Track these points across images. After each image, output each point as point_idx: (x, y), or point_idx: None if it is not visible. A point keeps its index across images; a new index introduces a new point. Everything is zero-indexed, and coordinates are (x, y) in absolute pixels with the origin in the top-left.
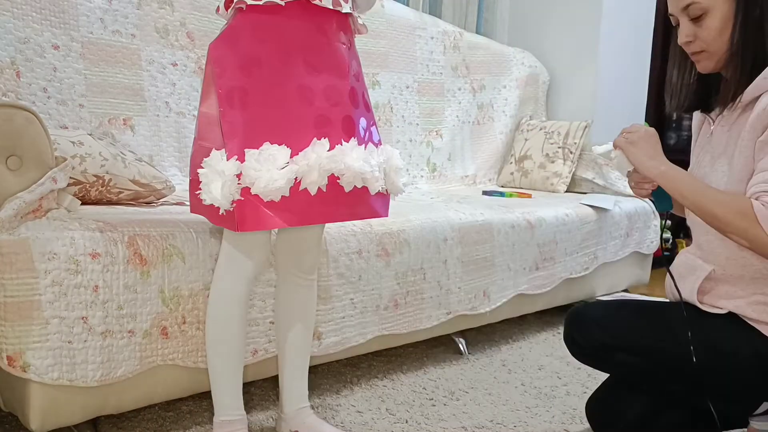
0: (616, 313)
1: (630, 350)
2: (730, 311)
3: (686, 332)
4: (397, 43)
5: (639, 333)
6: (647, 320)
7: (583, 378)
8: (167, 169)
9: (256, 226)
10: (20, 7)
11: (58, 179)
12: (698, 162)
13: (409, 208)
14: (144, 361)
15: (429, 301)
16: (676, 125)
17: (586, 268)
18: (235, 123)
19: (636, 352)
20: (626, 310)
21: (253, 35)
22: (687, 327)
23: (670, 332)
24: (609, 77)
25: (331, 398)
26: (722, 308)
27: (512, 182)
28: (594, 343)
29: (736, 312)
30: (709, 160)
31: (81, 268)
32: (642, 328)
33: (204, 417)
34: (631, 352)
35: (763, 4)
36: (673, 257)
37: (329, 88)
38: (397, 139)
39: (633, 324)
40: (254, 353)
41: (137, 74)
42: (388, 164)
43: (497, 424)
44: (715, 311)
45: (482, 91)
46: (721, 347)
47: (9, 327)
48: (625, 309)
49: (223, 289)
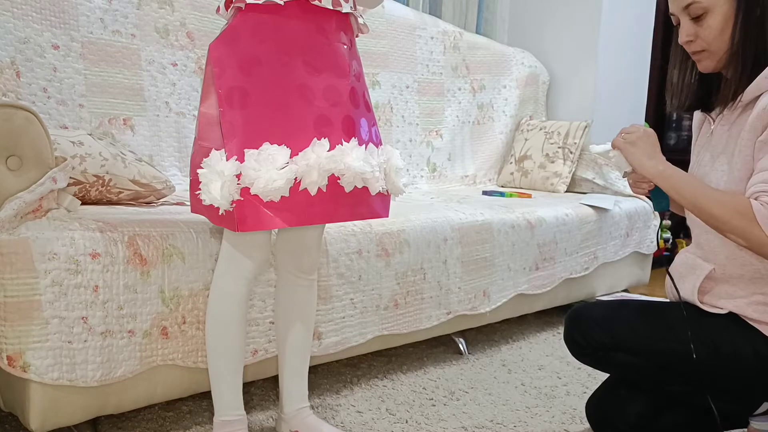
0: (617, 313)
1: (630, 350)
2: (731, 311)
3: (686, 332)
4: (397, 43)
5: (639, 333)
6: (648, 320)
7: (583, 378)
8: (167, 169)
9: (256, 226)
10: (20, 7)
11: (58, 179)
12: (698, 161)
13: (409, 208)
14: (144, 361)
15: (429, 301)
16: (676, 125)
17: (586, 268)
18: (234, 123)
19: (636, 352)
20: (627, 310)
21: (252, 35)
22: (687, 326)
23: (671, 332)
24: (609, 77)
25: (331, 398)
26: (723, 308)
27: (512, 182)
28: (594, 343)
29: (736, 312)
30: (709, 159)
31: (81, 268)
32: (642, 328)
33: (204, 417)
34: (632, 353)
35: (764, 4)
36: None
37: (329, 88)
38: (397, 139)
39: (634, 324)
40: (254, 353)
41: (137, 74)
42: (389, 164)
43: (497, 424)
44: (715, 311)
45: (482, 91)
46: (722, 347)
47: (9, 327)
48: (625, 309)
49: (223, 289)
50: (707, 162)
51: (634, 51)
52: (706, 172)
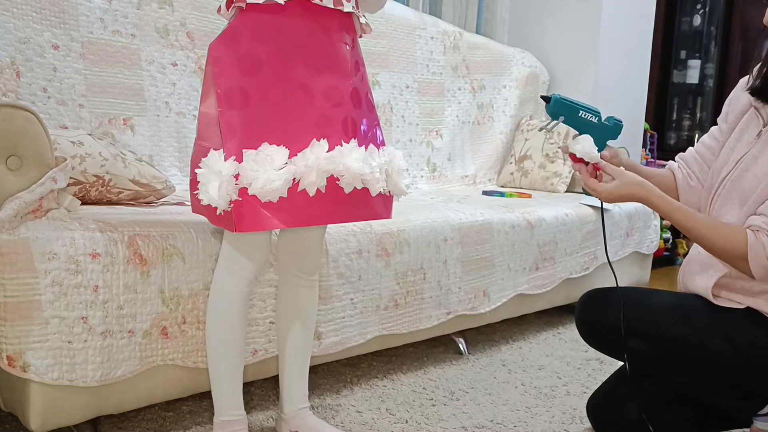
0: (632, 297)
1: (643, 336)
2: (749, 306)
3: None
4: (397, 43)
5: (654, 319)
6: (664, 307)
7: (583, 378)
8: (167, 169)
9: (254, 226)
10: (20, 7)
11: (58, 179)
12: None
13: (409, 208)
14: (144, 361)
15: (429, 301)
16: (676, 125)
17: (586, 268)
18: (233, 123)
19: (649, 338)
20: (642, 295)
21: (253, 35)
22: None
23: (687, 320)
24: (609, 77)
25: (331, 398)
26: (741, 303)
27: (512, 182)
28: (607, 325)
29: (754, 308)
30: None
31: (81, 268)
32: (657, 314)
33: (204, 417)
34: (644, 338)
35: None
36: (673, 256)
37: (330, 88)
38: (397, 139)
39: (648, 309)
40: (254, 353)
41: (137, 74)
42: (391, 165)
43: (497, 424)
44: (733, 305)
45: (482, 91)
46: (739, 340)
47: (9, 327)
48: (640, 294)
49: (222, 289)
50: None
51: (634, 51)
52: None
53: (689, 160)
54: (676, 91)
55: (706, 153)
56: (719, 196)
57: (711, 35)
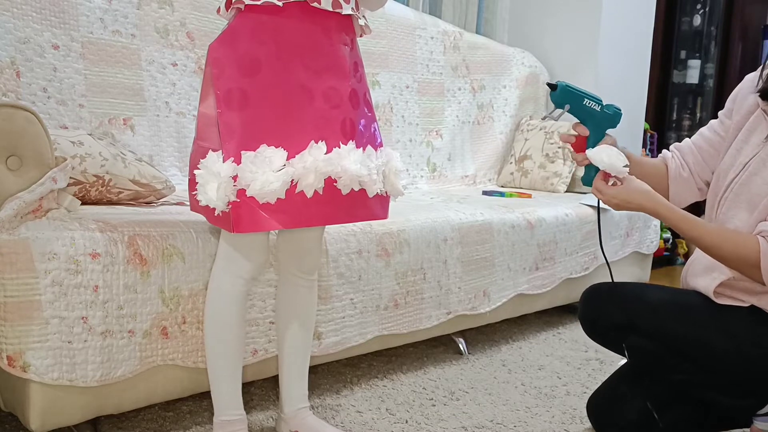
0: (634, 293)
1: (644, 332)
2: (753, 305)
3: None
4: (397, 43)
5: (656, 315)
6: (666, 303)
7: (583, 378)
8: (167, 169)
9: (252, 227)
10: (20, 7)
11: (58, 179)
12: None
13: (409, 208)
14: (144, 361)
15: (429, 301)
16: (676, 125)
17: (586, 268)
18: (232, 124)
19: (650, 335)
20: (644, 291)
21: (252, 36)
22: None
23: (688, 318)
24: (609, 77)
25: (331, 398)
26: (745, 302)
27: (512, 182)
28: (608, 322)
29: (758, 306)
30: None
31: (81, 268)
32: (660, 310)
33: (204, 417)
34: (646, 335)
35: None
36: (673, 256)
37: (329, 89)
38: (397, 139)
39: (651, 306)
40: (254, 353)
41: (137, 74)
42: (388, 167)
43: (497, 424)
44: (737, 304)
45: (482, 91)
46: (742, 338)
47: (9, 327)
48: (643, 290)
49: (220, 288)
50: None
51: (634, 51)
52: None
53: (685, 151)
54: (676, 91)
55: (704, 145)
56: (726, 199)
57: (711, 35)
